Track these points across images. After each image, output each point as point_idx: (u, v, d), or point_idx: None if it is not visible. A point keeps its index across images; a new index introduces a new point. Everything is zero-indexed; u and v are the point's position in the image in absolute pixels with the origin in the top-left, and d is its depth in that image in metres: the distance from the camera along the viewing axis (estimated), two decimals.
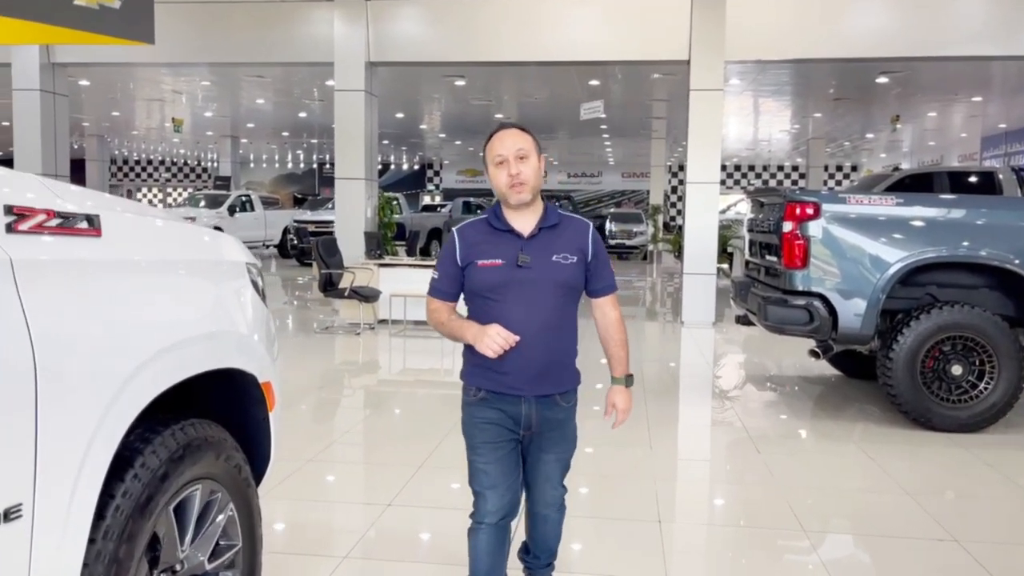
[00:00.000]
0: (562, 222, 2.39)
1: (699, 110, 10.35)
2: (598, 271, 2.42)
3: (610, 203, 34.07)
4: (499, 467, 2.37)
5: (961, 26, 10.04)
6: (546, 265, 2.31)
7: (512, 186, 2.30)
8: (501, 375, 2.32)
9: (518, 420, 2.37)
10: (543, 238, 2.34)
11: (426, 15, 11.10)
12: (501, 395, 2.35)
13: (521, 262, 2.29)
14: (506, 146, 2.31)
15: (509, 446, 2.39)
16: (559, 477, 2.50)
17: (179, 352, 1.90)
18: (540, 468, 2.46)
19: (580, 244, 2.37)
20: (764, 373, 7.67)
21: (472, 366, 2.40)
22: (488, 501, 2.36)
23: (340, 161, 11.30)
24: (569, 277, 2.34)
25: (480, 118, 19.85)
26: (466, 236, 2.37)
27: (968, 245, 5.35)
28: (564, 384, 2.41)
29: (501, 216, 2.37)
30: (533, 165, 2.32)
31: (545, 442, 2.43)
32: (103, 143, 26.46)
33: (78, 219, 1.67)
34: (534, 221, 2.35)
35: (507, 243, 2.32)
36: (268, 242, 21.29)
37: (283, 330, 9.89)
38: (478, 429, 2.38)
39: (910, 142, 25.16)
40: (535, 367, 2.32)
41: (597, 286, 2.45)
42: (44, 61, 11.64)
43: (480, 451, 2.38)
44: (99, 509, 1.63)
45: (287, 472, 4.23)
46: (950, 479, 4.54)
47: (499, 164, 2.31)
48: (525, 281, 2.29)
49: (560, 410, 2.42)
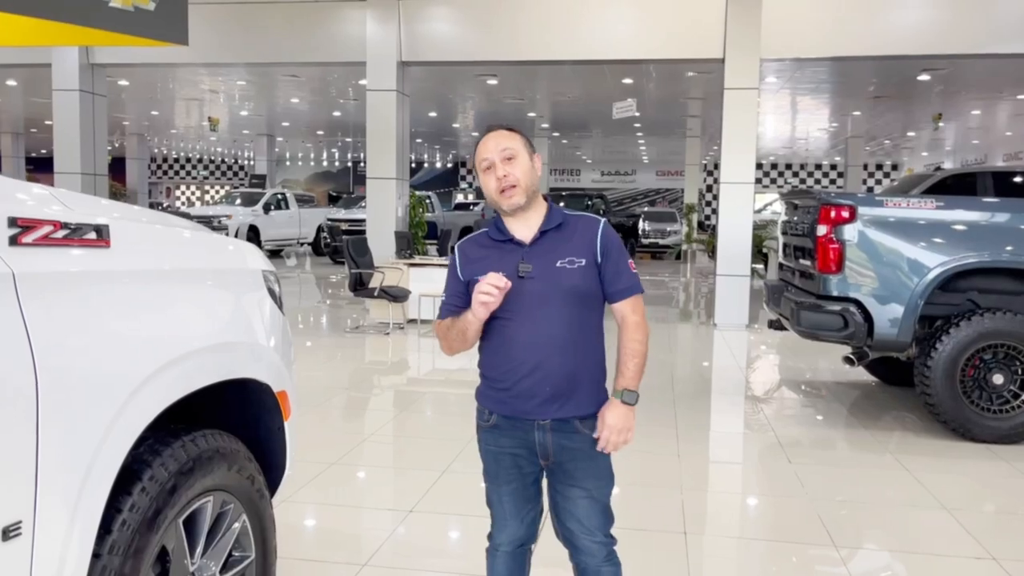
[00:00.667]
0: (568, 222, 2.15)
1: (733, 109, 10.19)
2: (613, 272, 2.13)
3: (644, 202, 33.82)
4: (512, 499, 2.20)
5: (1006, 22, 9.75)
6: (550, 272, 2.08)
7: (502, 191, 2.09)
8: (512, 397, 2.11)
9: (533, 448, 2.14)
10: (546, 243, 2.12)
11: (457, 15, 11.08)
12: (513, 420, 2.13)
13: (522, 272, 2.07)
14: (490, 148, 2.11)
15: (527, 479, 2.19)
16: (595, 521, 2.17)
17: (189, 363, 1.88)
18: (567, 507, 2.17)
19: (589, 244, 2.12)
20: (798, 378, 7.52)
21: (485, 386, 2.21)
22: (502, 532, 2.23)
23: (372, 161, 11.33)
24: (578, 283, 2.08)
25: (513, 116, 19.81)
26: (466, 252, 2.20)
27: (1012, 250, 5.17)
28: (584, 407, 2.12)
29: (501, 226, 2.16)
30: (523, 164, 2.11)
31: (567, 476, 2.15)
32: (143, 141, 26.90)
33: (86, 230, 1.65)
34: (536, 225, 2.14)
35: (508, 254, 2.12)
36: (303, 240, 21.49)
37: (314, 329, 9.95)
38: (491, 458, 2.21)
39: (953, 140, 24.57)
40: (548, 387, 2.08)
41: (612, 289, 2.15)
42: (83, 62, 11.85)
43: (494, 480, 2.22)
44: (105, 523, 1.62)
45: (311, 476, 4.23)
46: (990, 493, 4.39)
47: (486, 169, 2.12)
48: (530, 293, 2.07)
49: (581, 438, 2.13)
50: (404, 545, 3.48)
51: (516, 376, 2.10)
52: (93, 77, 12.12)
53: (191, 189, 39.10)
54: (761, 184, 32.72)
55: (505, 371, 2.12)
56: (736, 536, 3.81)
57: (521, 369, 2.09)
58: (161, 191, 38.28)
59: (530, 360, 2.08)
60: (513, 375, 2.11)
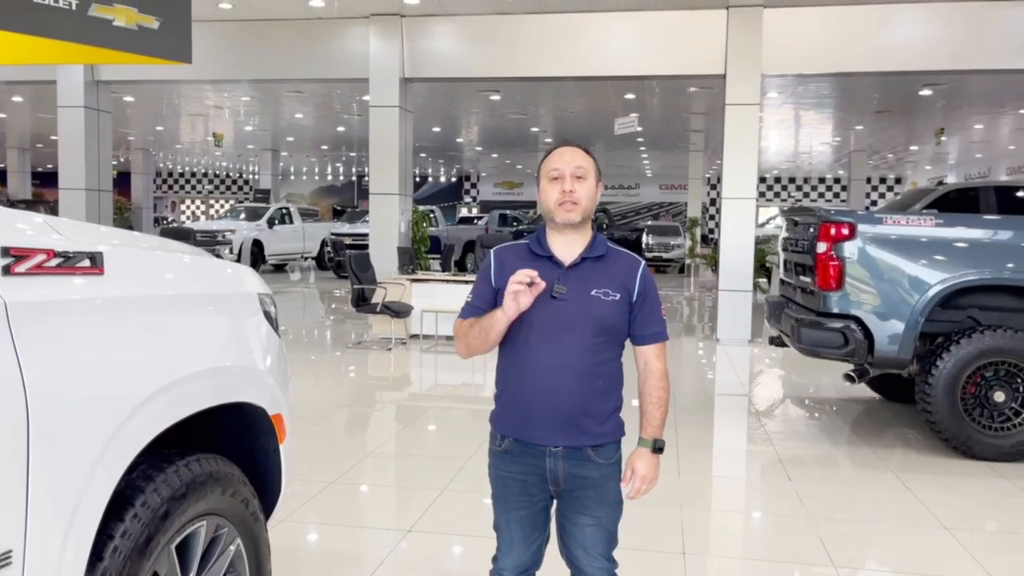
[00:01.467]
0: (610, 254, 2.15)
1: (735, 125, 10.22)
2: (645, 315, 2.14)
3: (647, 215, 33.86)
4: (521, 526, 2.17)
5: (1007, 38, 9.77)
6: (584, 299, 2.07)
7: (562, 203, 2.08)
8: (525, 421, 2.10)
9: (543, 475, 2.12)
10: (585, 269, 2.10)
11: (460, 31, 11.15)
12: (525, 445, 2.12)
13: (556, 292, 2.05)
14: (564, 160, 2.12)
15: (536, 506, 2.17)
16: (600, 547, 2.16)
17: (182, 389, 1.89)
18: (574, 534, 2.16)
19: (626, 281, 2.12)
20: (799, 394, 7.50)
21: (500, 407, 2.18)
22: (508, 557, 2.21)
23: (375, 176, 11.38)
24: (608, 315, 2.08)
25: (516, 131, 19.91)
26: (503, 258, 2.17)
27: (1012, 267, 5.17)
28: (599, 436, 2.11)
29: (544, 242, 2.15)
30: (589, 187, 2.13)
31: (577, 503, 2.14)
32: (148, 156, 27.07)
33: (80, 257, 1.66)
34: (579, 250, 2.13)
35: (545, 270, 2.07)
36: (306, 254, 21.54)
37: (317, 344, 9.96)
38: (501, 484, 2.19)
39: (956, 154, 24.58)
40: (562, 413, 2.06)
41: (643, 332, 2.15)
42: (88, 79, 11.94)
43: (502, 507, 2.20)
44: (97, 550, 1.62)
45: (310, 494, 4.22)
46: (991, 512, 4.37)
47: (554, 179, 2.11)
48: (558, 314, 2.05)
49: (594, 467, 2.11)
50: (404, 565, 3.47)
51: (532, 399, 2.09)
52: (98, 94, 12.21)
53: (196, 203, 39.27)
54: (764, 198, 32.78)
55: (521, 392, 2.11)
56: (736, 556, 3.79)
57: (537, 392, 2.08)
58: (166, 205, 38.46)
59: (548, 383, 2.07)
60: (529, 397, 2.09)
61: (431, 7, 10.71)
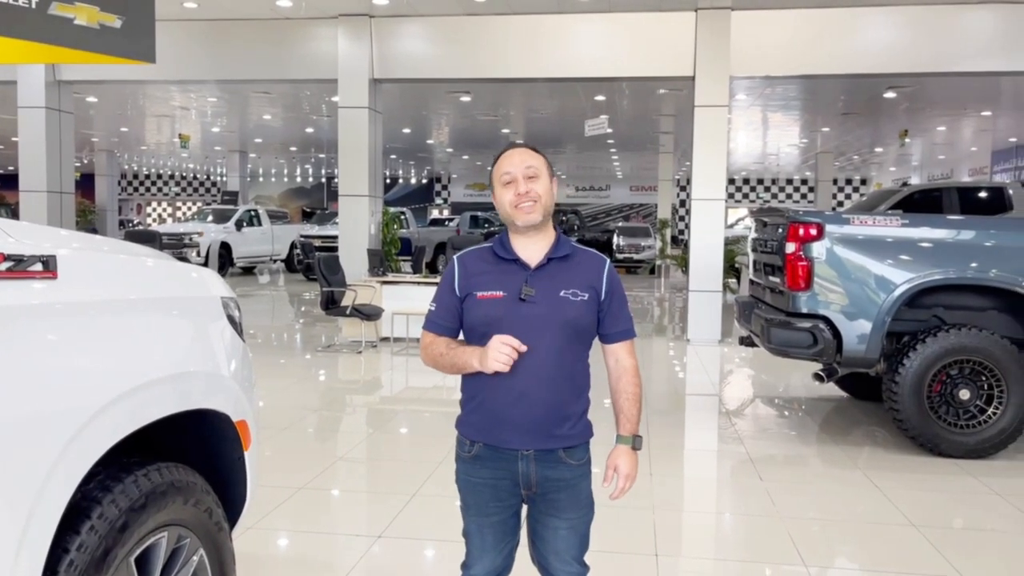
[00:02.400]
0: (575, 254, 2.13)
1: (704, 126, 10.29)
2: (613, 313, 2.13)
3: (618, 217, 34.00)
4: (492, 532, 2.14)
5: (969, 42, 9.95)
6: (552, 300, 2.05)
7: (519, 205, 2.06)
8: (496, 426, 2.06)
9: (516, 479, 2.09)
10: (551, 270, 2.08)
11: (430, 32, 11.09)
12: (496, 450, 2.08)
13: (524, 295, 2.03)
14: (514, 164, 2.09)
15: (507, 511, 2.14)
16: (573, 551, 2.14)
17: (143, 395, 1.83)
18: (547, 538, 2.14)
19: (593, 280, 2.11)
20: (769, 393, 7.56)
21: (468, 412, 2.14)
22: (478, 563, 2.16)
23: (344, 178, 11.29)
24: (578, 316, 2.06)
25: (487, 133, 19.87)
26: (467, 264, 2.13)
27: (976, 267, 5.24)
28: (570, 439, 2.10)
29: (507, 244, 2.12)
30: (544, 185, 2.09)
31: (550, 506, 2.11)
32: (112, 158, 26.59)
33: (32, 261, 1.61)
34: (543, 250, 2.10)
35: (511, 274, 2.07)
36: (275, 256, 21.31)
37: (286, 348, 9.84)
38: (471, 491, 2.14)
39: (920, 156, 25.01)
40: (535, 418, 2.04)
41: (611, 330, 2.15)
42: (50, 79, 11.70)
43: (472, 513, 2.16)
44: (51, 565, 1.56)
45: (278, 501, 4.15)
46: (957, 508, 4.42)
47: (507, 184, 2.09)
48: (528, 317, 2.02)
49: (566, 468, 2.09)
50: (375, 571, 3.42)
51: (502, 403, 2.05)
52: (60, 94, 11.96)
53: (162, 206, 38.68)
54: (733, 199, 33.07)
55: (492, 397, 2.07)
56: (708, 557, 3.80)
57: (508, 396, 2.04)
58: (132, 208, 37.84)
59: (519, 387, 2.03)
60: (498, 401, 2.06)
61: (400, 8, 10.64)
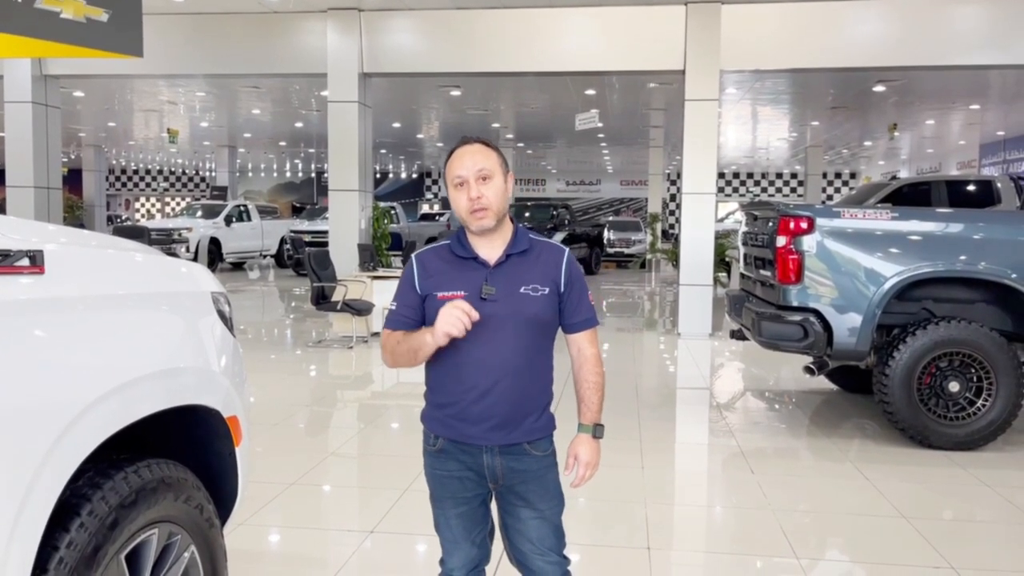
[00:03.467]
0: (534, 248, 2.12)
1: (694, 120, 10.29)
2: (574, 304, 2.13)
3: (609, 211, 34.02)
4: (461, 522, 2.16)
5: (958, 36, 9.99)
6: (513, 297, 2.04)
7: (473, 211, 2.04)
8: (461, 421, 2.07)
9: (482, 472, 2.10)
10: (511, 267, 2.07)
11: (420, 26, 11.05)
12: (461, 444, 2.09)
13: (485, 294, 2.01)
14: (466, 166, 2.04)
15: (475, 501, 2.15)
16: (548, 542, 2.15)
17: (132, 391, 1.81)
18: (520, 530, 2.14)
19: (552, 273, 2.10)
20: (760, 386, 7.58)
21: (432, 407, 2.15)
22: (453, 556, 2.18)
23: (334, 173, 11.24)
24: (540, 311, 2.06)
25: (478, 127, 19.83)
26: (425, 264, 2.11)
27: (965, 260, 5.26)
28: (534, 432, 2.11)
29: (465, 242, 2.10)
30: (497, 187, 2.05)
31: (518, 498, 2.13)
32: (100, 153, 26.43)
33: (18, 256, 1.59)
34: (501, 247, 2.09)
35: (470, 272, 2.06)
36: (265, 252, 21.23)
37: (277, 343, 9.81)
38: (438, 482, 2.16)
39: (908, 149, 25.12)
40: (499, 414, 2.04)
41: (572, 320, 2.14)
42: (36, 73, 11.60)
43: (441, 505, 2.17)
44: (41, 562, 1.55)
45: (269, 497, 4.14)
46: (947, 500, 4.45)
47: (458, 186, 2.06)
48: (490, 316, 2.00)
49: (532, 460, 2.11)
50: (367, 566, 3.41)
51: (467, 400, 2.05)
52: (46, 88, 11.86)
53: (151, 201, 38.48)
54: (723, 193, 33.15)
55: (455, 393, 2.08)
56: (700, 550, 3.81)
57: (472, 393, 2.05)
58: (120, 204, 37.62)
59: (482, 384, 2.04)
60: (464, 398, 2.06)
61: (390, 1, 10.59)
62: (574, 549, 3.56)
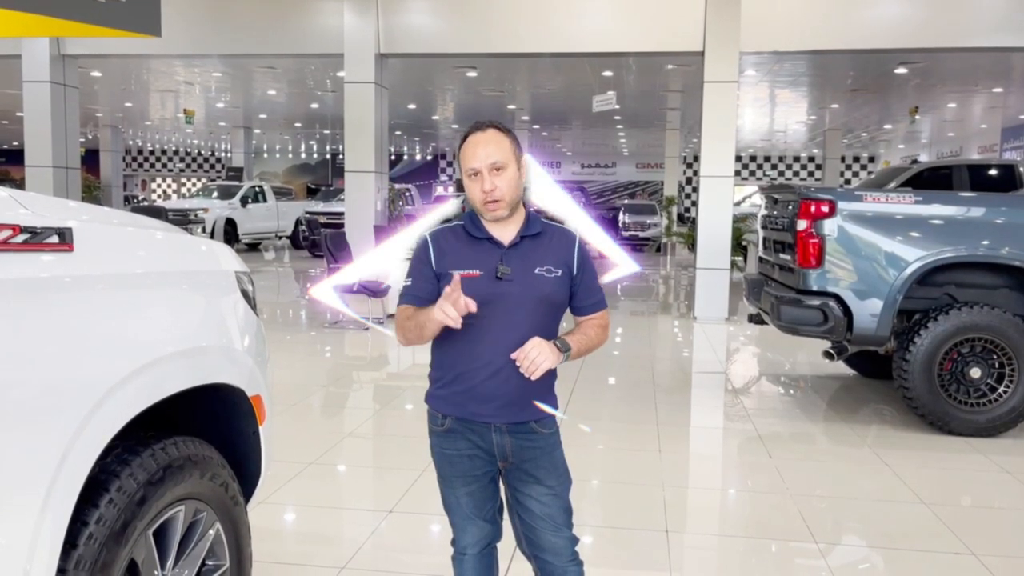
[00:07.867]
0: (546, 231, 2.15)
1: (713, 102, 10.19)
2: (586, 287, 2.16)
3: (624, 194, 33.86)
4: (472, 500, 2.18)
5: (982, 17, 9.82)
6: (528, 277, 2.06)
7: (486, 203, 2.06)
8: (470, 399, 2.08)
9: (491, 451, 2.13)
10: (525, 248, 2.10)
11: (437, 6, 10.98)
12: (469, 423, 2.11)
13: (501, 274, 2.03)
14: (479, 157, 2.04)
15: (484, 479, 2.17)
16: (560, 518, 2.17)
17: (159, 369, 1.82)
18: (532, 507, 2.16)
19: (565, 256, 2.13)
20: (777, 371, 7.55)
21: (439, 386, 2.15)
22: (466, 533, 2.20)
23: (350, 154, 11.23)
24: (552, 292, 2.09)
25: (493, 108, 19.73)
26: (440, 243, 2.12)
27: (988, 244, 5.20)
28: (540, 411, 2.14)
29: (479, 223, 2.12)
30: (510, 177, 2.06)
31: (528, 475, 2.15)
32: (117, 133, 26.46)
33: (48, 233, 1.59)
34: (515, 230, 2.11)
35: (486, 252, 2.08)
36: (281, 233, 21.30)
37: (292, 324, 9.85)
38: (448, 462, 2.16)
39: (929, 133, 24.79)
40: (509, 392, 2.06)
41: (584, 303, 2.18)
42: (54, 53, 11.62)
43: (451, 484, 2.18)
44: (71, 537, 1.56)
45: (289, 476, 4.17)
46: (967, 487, 4.42)
47: (471, 176, 2.06)
48: (505, 295, 2.03)
49: (539, 437, 2.14)
50: (384, 546, 3.44)
51: (479, 377, 2.07)
52: (64, 68, 11.89)
53: (167, 182, 38.62)
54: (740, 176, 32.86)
55: (466, 371, 2.09)
56: (717, 533, 3.81)
57: (484, 371, 2.06)
58: (136, 184, 37.79)
59: (495, 362, 2.05)
60: (474, 376, 2.07)
61: None
62: (591, 530, 3.59)
